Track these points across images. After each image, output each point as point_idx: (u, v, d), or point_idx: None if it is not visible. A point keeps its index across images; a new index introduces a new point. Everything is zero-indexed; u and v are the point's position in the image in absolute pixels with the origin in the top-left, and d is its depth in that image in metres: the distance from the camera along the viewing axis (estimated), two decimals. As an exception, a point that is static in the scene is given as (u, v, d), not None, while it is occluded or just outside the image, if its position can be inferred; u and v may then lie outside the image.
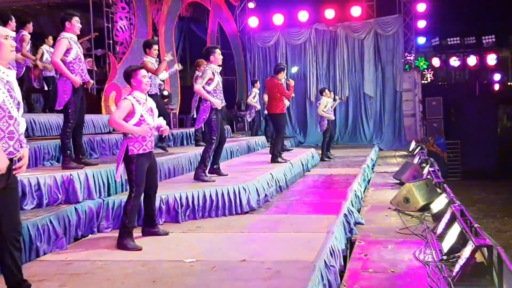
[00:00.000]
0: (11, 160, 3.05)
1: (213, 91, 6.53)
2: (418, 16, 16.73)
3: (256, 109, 12.74)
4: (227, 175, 6.88)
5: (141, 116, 4.52)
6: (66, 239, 4.61)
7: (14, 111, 3.03)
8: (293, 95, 9.70)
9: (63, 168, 5.55)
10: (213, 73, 6.49)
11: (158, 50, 7.98)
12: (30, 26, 8.65)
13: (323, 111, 11.44)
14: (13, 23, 7.18)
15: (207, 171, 6.66)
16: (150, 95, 5.25)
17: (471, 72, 24.09)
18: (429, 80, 22.07)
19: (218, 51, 6.63)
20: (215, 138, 6.62)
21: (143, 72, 4.66)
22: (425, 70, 17.18)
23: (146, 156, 4.60)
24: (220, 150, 7.04)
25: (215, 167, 6.91)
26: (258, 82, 13.33)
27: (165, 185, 6.06)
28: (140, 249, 4.40)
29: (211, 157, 6.79)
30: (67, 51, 5.58)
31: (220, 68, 6.71)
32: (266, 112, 11.10)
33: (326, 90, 12.01)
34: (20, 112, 3.13)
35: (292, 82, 8.86)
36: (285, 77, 8.84)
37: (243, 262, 3.95)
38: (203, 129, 8.12)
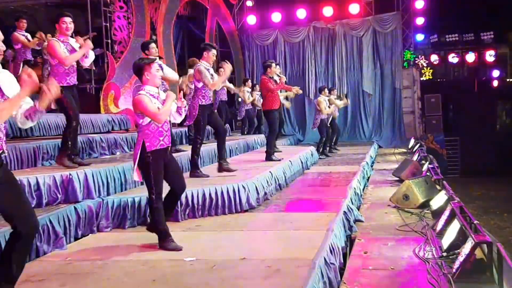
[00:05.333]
0: None
1: (202, 88, 6.56)
2: (417, 13, 16.71)
3: (246, 108, 12.65)
4: (236, 169, 6.89)
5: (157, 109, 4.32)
6: (66, 239, 4.61)
7: None
8: (290, 93, 9.78)
9: (57, 162, 5.58)
10: (205, 70, 6.53)
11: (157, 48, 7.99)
12: (22, 24, 8.65)
13: (324, 108, 11.51)
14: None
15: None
16: None
17: (469, 69, 24.06)
18: (425, 65, 22.00)
19: (214, 51, 6.66)
20: (200, 137, 6.68)
21: (156, 65, 4.46)
22: (416, 59, 17.13)
23: (162, 152, 4.39)
24: (221, 143, 7.01)
25: (224, 164, 6.88)
26: (249, 80, 13.31)
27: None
28: (181, 249, 4.29)
29: (199, 155, 6.83)
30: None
31: (211, 65, 6.72)
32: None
33: (325, 90, 12.03)
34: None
35: (283, 78, 8.88)
36: (277, 73, 8.85)
37: (243, 261, 3.95)
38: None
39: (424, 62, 22.02)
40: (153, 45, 7.46)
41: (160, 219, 4.39)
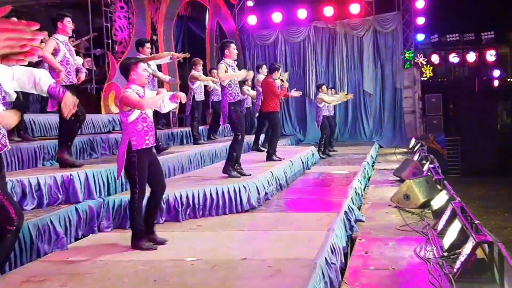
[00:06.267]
0: None
1: (227, 86, 6.61)
2: (417, 12, 16.70)
3: (246, 106, 12.57)
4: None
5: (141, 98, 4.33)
6: (67, 239, 4.61)
7: None
8: (284, 97, 9.83)
9: (57, 156, 5.66)
10: (226, 67, 6.56)
11: (153, 49, 8.06)
12: None
13: (328, 99, 11.64)
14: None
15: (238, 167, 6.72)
16: None
17: (470, 69, 24.08)
18: (424, 63, 22.02)
19: (233, 45, 6.72)
20: (239, 133, 6.67)
21: (143, 65, 4.46)
22: (415, 57, 17.12)
23: (147, 151, 4.40)
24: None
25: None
26: (249, 80, 13.23)
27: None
28: (155, 249, 4.35)
29: (239, 153, 6.78)
30: (55, 52, 5.55)
31: (236, 62, 6.74)
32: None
33: (323, 87, 12.11)
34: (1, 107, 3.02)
35: (286, 84, 8.96)
36: (280, 77, 8.92)
37: (244, 261, 3.95)
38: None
39: (423, 60, 22.02)
40: (148, 44, 7.47)
41: (139, 218, 4.42)
